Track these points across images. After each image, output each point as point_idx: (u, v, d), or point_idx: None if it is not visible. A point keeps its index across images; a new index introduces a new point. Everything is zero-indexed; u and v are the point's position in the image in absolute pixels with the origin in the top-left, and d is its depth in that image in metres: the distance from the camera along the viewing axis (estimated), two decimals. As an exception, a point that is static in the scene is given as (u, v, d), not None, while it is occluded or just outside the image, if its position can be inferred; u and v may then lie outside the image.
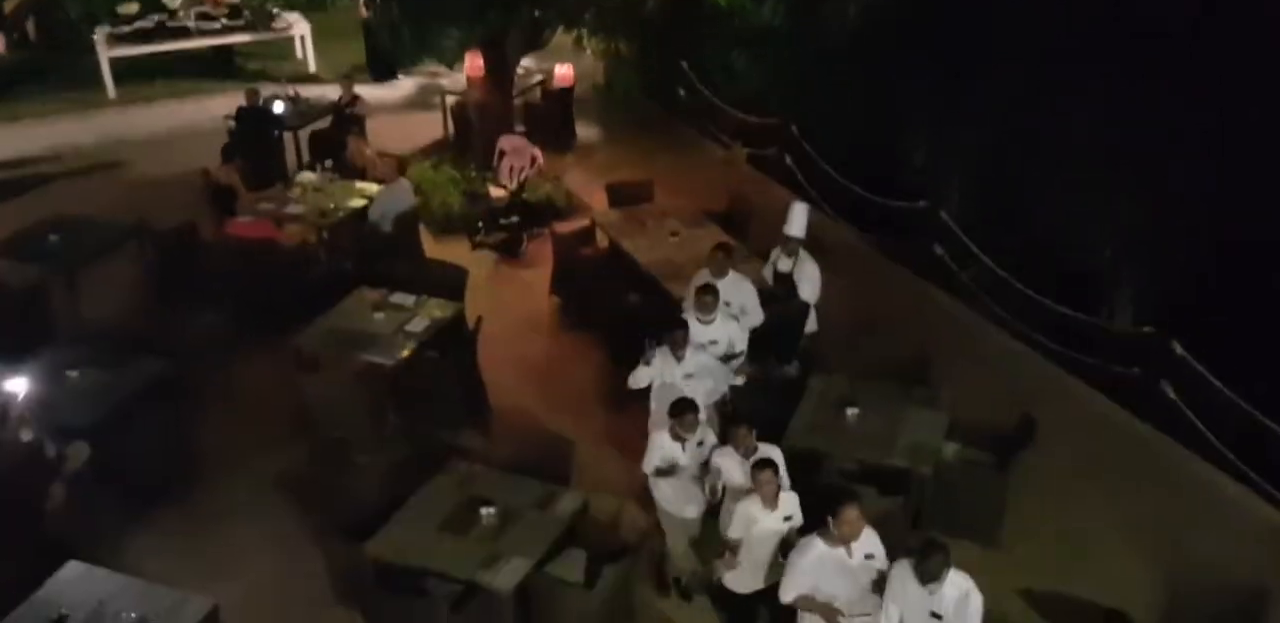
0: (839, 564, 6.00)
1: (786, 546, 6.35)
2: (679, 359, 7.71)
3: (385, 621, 6.90)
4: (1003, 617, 6.72)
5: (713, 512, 7.08)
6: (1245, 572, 7.23)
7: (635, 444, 8.79)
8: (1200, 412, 8.52)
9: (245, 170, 12.17)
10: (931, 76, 11.96)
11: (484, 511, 7.08)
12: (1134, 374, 9.05)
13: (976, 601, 5.69)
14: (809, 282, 9.00)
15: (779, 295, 8.94)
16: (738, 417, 7.20)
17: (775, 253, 9.19)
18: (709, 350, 7.88)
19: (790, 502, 6.45)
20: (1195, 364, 8.53)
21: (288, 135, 13.80)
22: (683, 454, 6.98)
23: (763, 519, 6.38)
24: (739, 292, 8.55)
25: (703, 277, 8.57)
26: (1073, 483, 8.24)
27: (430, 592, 6.74)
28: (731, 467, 6.75)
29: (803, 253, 9.03)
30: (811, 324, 9.10)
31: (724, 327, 8.06)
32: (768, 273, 9.15)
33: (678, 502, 7.16)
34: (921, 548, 5.67)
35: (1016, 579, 7.37)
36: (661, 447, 7.01)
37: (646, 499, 8.17)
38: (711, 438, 7.11)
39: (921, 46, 12.13)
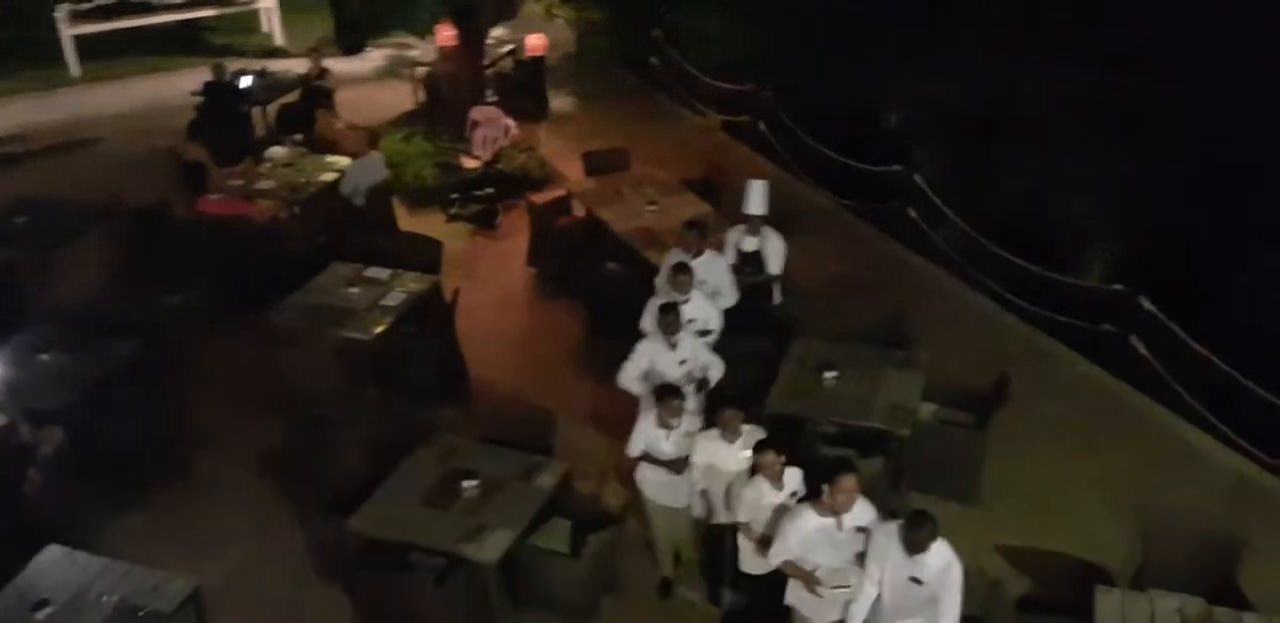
0: (827, 534, 5.97)
1: None
2: (672, 346, 7.49)
3: (370, 596, 6.92)
4: (981, 573, 6.81)
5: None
6: (1216, 520, 7.33)
7: (616, 413, 8.85)
8: (1169, 366, 8.61)
9: (214, 146, 12.07)
10: (904, 41, 11.95)
11: (466, 483, 7.10)
12: (1105, 331, 9.12)
13: (957, 571, 5.73)
14: (775, 255, 8.84)
15: (745, 274, 8.78)
16: (728, 400, 6.94)
17: (736, 233, 8.91)
18: (686, 329, 7.70)
19: (794, 477, 6.36)
20: (1164, 319, 8.60)
21: (256, 110, 13.68)
22: (666, 442, 6.82)
23: (771, 498, 6.30)
24: (713, 270, 8.41)
25: (676, 255, 8.44)
26: (1048, 440, 8.32)
27: (415, 566, 6.77)
28: (717, 450, 6.61)
29: (765, 228, 8.84)
30: (776, 296, 9.04)
31: (700, 305, 7.93)
32: (730, 254, 8.87)
33: (664, 491, 6.98)
34: (909, 519, 5.69)
35: (995, 536, 7.46)
36: (645, 433, 6.87)
37: (628, 468, 8.24)
38: (698, 426, 6.90)
39: (894, 11, 12.11)
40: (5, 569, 6.54)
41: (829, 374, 7.99)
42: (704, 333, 7.93)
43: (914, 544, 5.65)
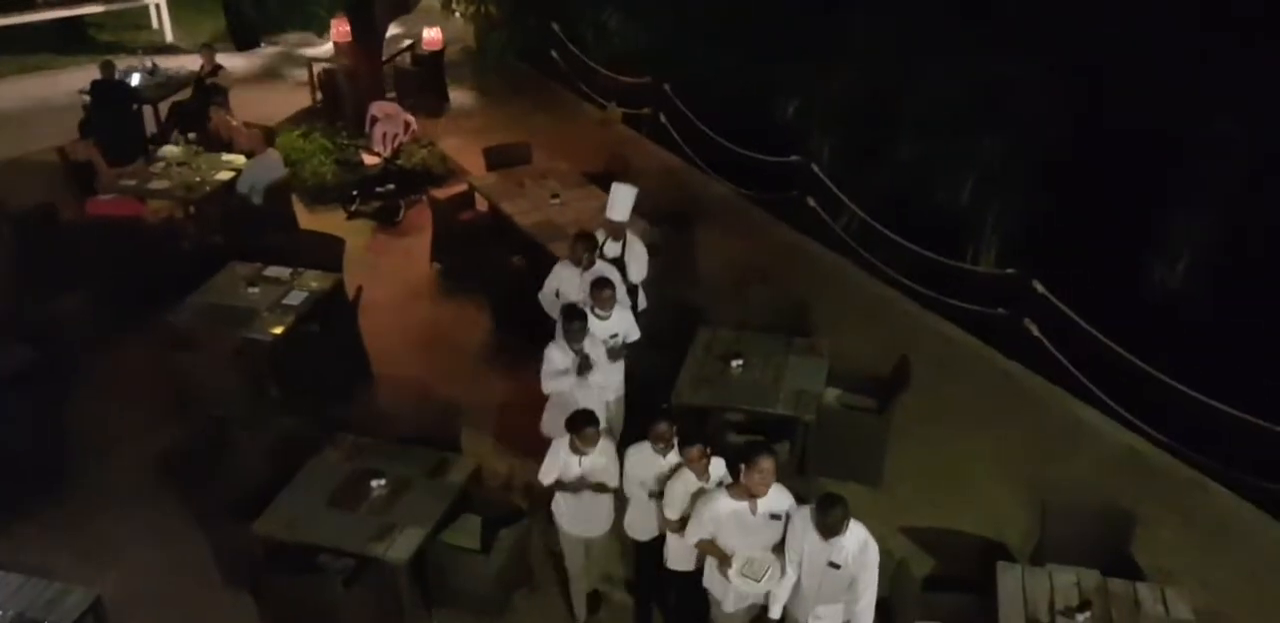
0: (739, 519, 5.96)
1: None
2: (591, 367, 7.22)
3: (277, 600, 6.82)
4: (887, 554, 6.91)
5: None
6: (1109, 494, 7.60)
7: (523, 407, 8.86)
8: (1062, 347, 8.87)
9: (104, 146, 11.75)
10: (800, 31, 12.09)
11: (374, 482, 7.03)
12: (999, 314, 9.36)
13: (873, 550, 5.83)
14: (637, 262, 8.49)
15: None
16: (661, 413, 6.76)
17: (599, 237, 8.46)
18: (608, 345, 7.48)
19: (719, 468, 6.28)
20: (1055, 301, 8.86)
21: (147, 108, 13.35)
22: (578, 468, 6.52)
23: (698, 489, 6.23)
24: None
25: (565, 268, 8.14)
26: (948, 422, 8.53)
27: (323, 568, 6.69)
28: (650, 463, 6.43)
29: (630, 235, 8.48)
30: (642, 302, 8.59)
31: (621, 318, 7.69)
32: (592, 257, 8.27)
33: (577, 520, 6.70)
34: (820, 503, 5.76)
35: (900, 517, 7.63)
36: (559, 459, 6.55)
37: (538, 462, 8.24)
38: (613, 450, 6.64)
39: (787, 2, 12.25)
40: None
41: (734, 363, 8.08)
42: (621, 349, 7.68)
43: (828, 528, 5.72)
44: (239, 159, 11.47)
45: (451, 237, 10.85)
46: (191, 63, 14.04)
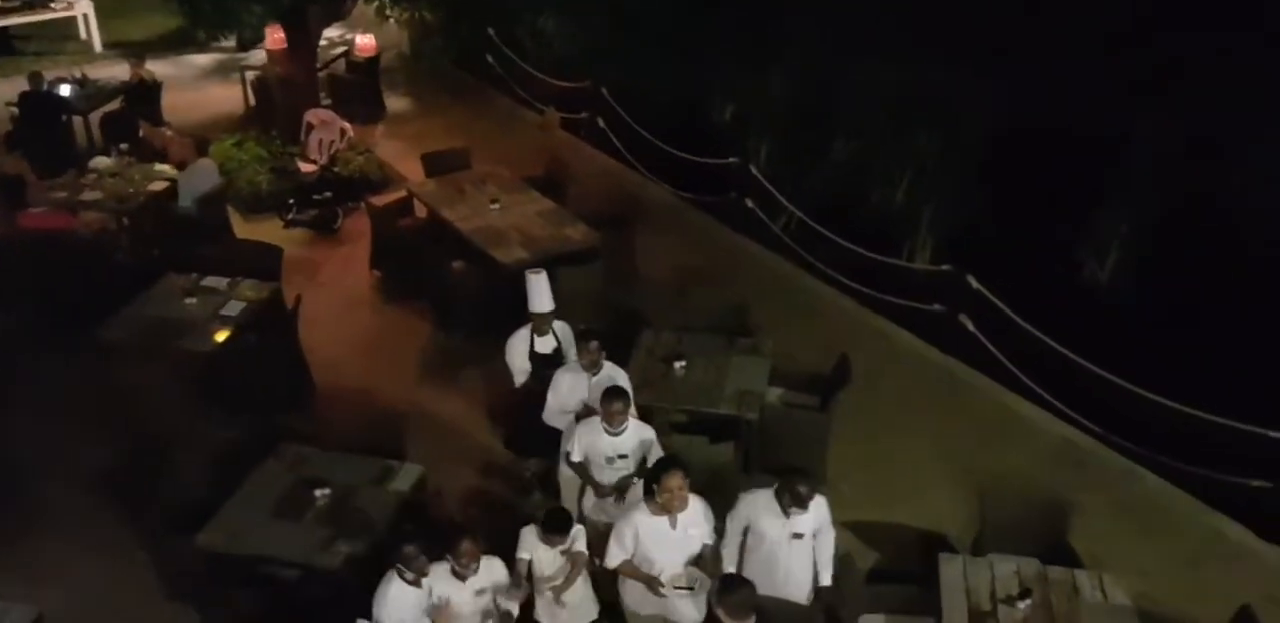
0: (660, 534, 5.92)
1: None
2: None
3: (221, 613, 6.76)
4: (831, 551, 7.03)
5: None
6: (1046, 484, 7.76)
7: (467, 412, 8.86)
8: (996, 341, 9.03)
9: (34, 159, 11.56)
10: (733, 34, 12.19)
11: (318, 492, 6.98)
12: (936, 310, 9.51)
13: (827, 512, 6.13)
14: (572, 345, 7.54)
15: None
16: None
17: (523, 335, 7.59)
18: (614, 466, 6.66)
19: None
20: (990, 297, 9.02)
21: (77, 120, 13.15)
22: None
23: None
24: (616, 380, 7.12)
25: (571, 371, 7.18)
26: (887, 417, 8.64)
27: (268, 579, 6.64)
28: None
29: (558, 324, 7.69)
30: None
31: (637, 433, 6.71)
32: (521, 360, 7.60)
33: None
34: (788, 480, 5.88)
35: (841, 512, 7.52)
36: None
37: (483, 469, 8.24)
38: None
39: (721, 6, 12.33)
40: None
41: (678, 363, 8.13)
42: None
43: (798, 498, 5.86)
44: (171, 169, 11.34)
45: (390, 244, 10.81)
46: (121, 72, 13.83)
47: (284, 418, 8.67)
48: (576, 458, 6.73)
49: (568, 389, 7.15)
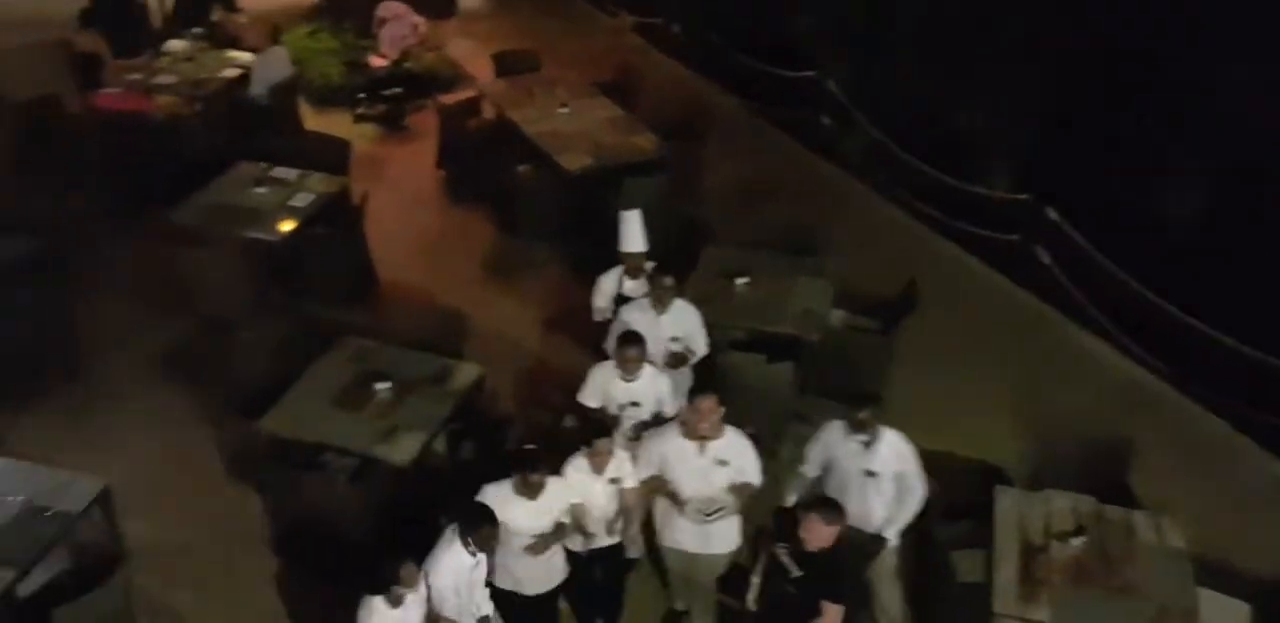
0: (686, 457, 5.79)
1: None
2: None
3: (280, 495, 6.90)
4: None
5: None
6: (1109, 423, 7.66)
7: (526, 315, 8.88)
8: (1071, 275, 8.84)
9: (110, 37, 11.50)
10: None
11: (379, 385, 7.05)
12: (1010, 240, 9.31)
13: (908, 453, 5.93)
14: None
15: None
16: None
17: (613, 276, 7.28)
18: (625, 414, 6.44)
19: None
20: (1067, 229, 8.80)
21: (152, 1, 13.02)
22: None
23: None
24: (685, 322, 6.98)
25: (641, 311, 6.84)
26: (951, 346, 8.50)
27: (326, 466, 6.75)
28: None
29: (648, 265, 7.30)
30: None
31: (653, 382, 6.47)
32: (603, 301, 7.32)
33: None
34: (853, 399, 5.83)
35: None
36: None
37: (540, 369, 8.27)
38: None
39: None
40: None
41: (740, 281, 8.03)
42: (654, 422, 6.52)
43: (857, 424, 5.78)
44: (245, 56, 11.25)
45: (458, 143, 10.72)
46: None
47: (347, 311, 8.74)
48: (591, 403, 6.46)
49: (625, 327, 6.70)
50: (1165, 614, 5.69)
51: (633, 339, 6.32)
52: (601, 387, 6.44)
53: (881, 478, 5.94)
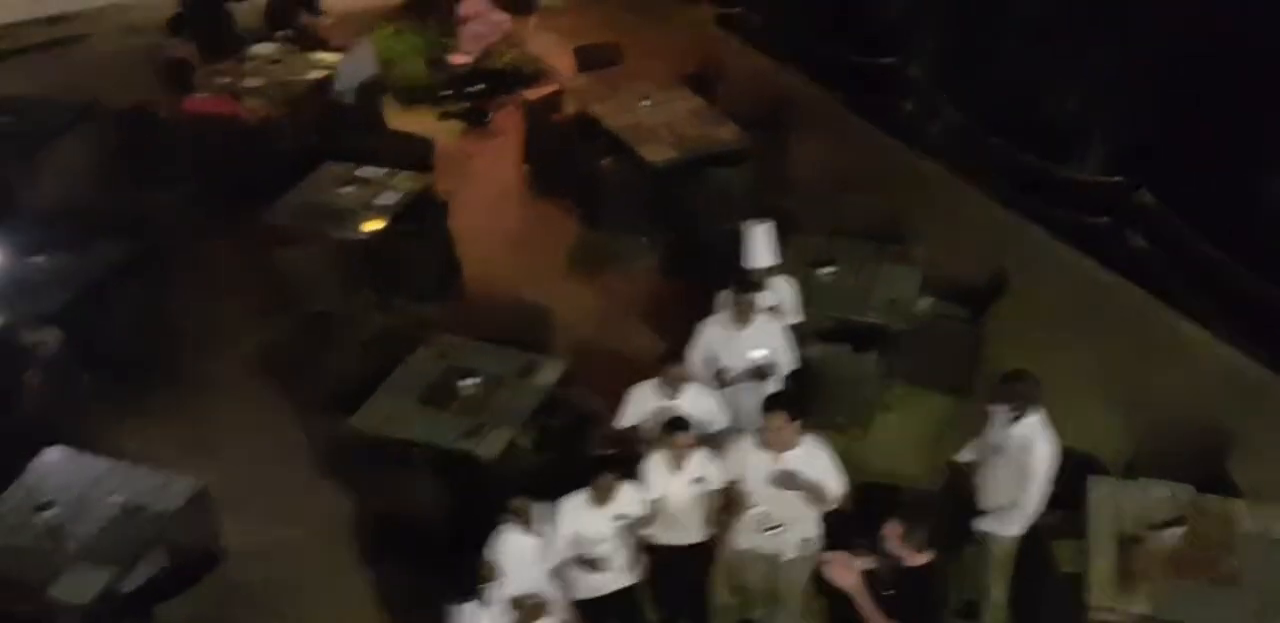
0: (757, 468, 5.70)
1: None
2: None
3: (370, 492, 7.03)
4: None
5: None
6: (1207, 410, 7.43)
7: (612, 310, 8.90)
8: (1166, 259, 8.58)
9: (200, 42, 11.78)
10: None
11: (465, 381, 7.14)
12: (1103, 223, 9.07)
13: (1044, 438, 5.83)
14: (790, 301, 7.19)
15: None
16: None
17: (728, 296, 6.76)
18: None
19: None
20: (1163, 212, 8.55)
21: (242, 5, 13.30)
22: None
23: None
24: (768, 338, 6.69)
25: (720, 327, 6.64)
26: (1042, 332, 8.30)
27: (415, 462, 6.85)
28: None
29: (779, 279, 7.09)
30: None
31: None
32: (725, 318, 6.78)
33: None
34: (1008, 375, 5.87)
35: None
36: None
37: (624, 365, 8.28)
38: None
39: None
40: (6, 472, 6.57)
41: (825, 270, 7.97)
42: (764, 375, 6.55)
43: (1007, 395, 5.79)
44: (331, 57, 11.44)
45: (542, 138, 10.78)
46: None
47: (434, 307, 8.86)
48: (625, 423, 6.36)
49: (706, 344, 6.58)
50: (1269, 606, 5.52)
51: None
52: (639, 406, 6.33)
53: (1009, 458, 5.82)
